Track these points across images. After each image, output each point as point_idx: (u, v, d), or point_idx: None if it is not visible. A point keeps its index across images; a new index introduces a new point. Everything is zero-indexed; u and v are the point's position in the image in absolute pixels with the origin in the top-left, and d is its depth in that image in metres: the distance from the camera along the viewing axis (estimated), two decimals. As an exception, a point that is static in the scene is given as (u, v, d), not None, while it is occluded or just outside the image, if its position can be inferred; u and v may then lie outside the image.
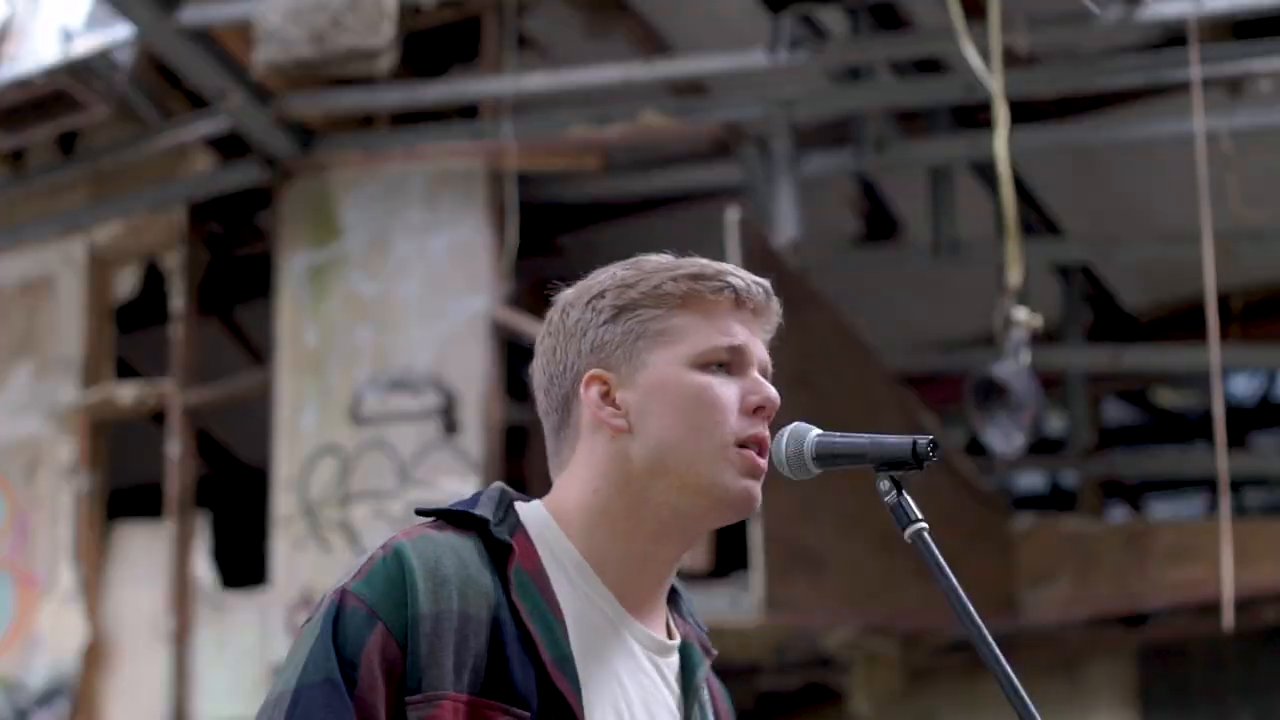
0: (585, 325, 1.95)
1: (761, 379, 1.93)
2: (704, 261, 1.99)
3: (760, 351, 1.95)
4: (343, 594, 1.80)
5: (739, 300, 1.95)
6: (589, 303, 1.96)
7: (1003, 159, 5.24)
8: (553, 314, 1.99)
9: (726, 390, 1.90)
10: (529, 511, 1.92)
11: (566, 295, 2.00)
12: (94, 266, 7.58)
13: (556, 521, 1.91)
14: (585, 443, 1.92)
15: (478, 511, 1.87)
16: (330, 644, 1.76)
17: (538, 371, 1.98)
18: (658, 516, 1.89)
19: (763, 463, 1.90)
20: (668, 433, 1.88)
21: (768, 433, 1.92)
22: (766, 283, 1.98)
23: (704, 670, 1.98)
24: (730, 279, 1.96)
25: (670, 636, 1.96)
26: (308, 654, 1.77)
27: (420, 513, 1.89)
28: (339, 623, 1.77)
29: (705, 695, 1.98)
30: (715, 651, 2.02)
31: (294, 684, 1.76)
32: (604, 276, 1.99)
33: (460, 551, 1.83)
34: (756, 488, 1.90)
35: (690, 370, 1.90)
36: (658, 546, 1.90)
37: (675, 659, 1.95)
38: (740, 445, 1.88)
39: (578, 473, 1.92)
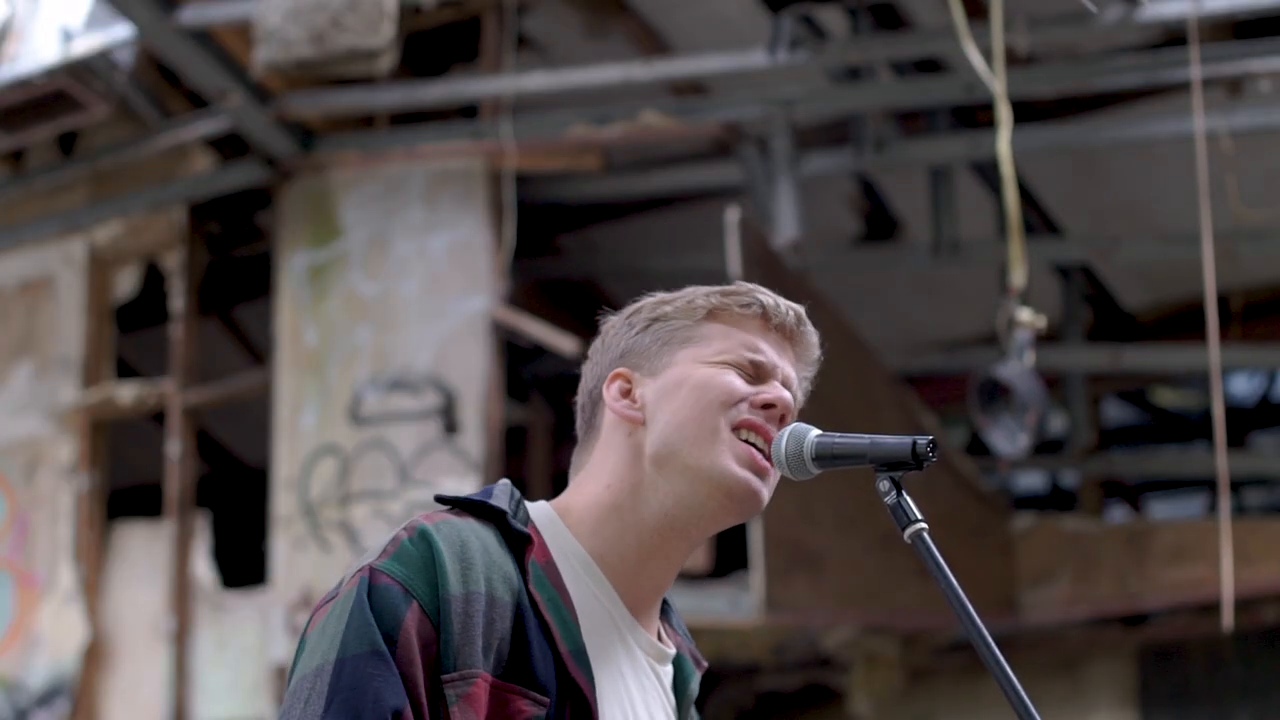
0: (619, 338, 2.00)
1: (778, 383, 1.94)
2: (742, 283, 2.03)
3: (788, 371, 1.98)
4: (372, 572, 1.79)
5: (766, 317, 1.98)
6: (627, 319, 2.01)
7: (1005, 159, 5.24)
8: (596, 340, 2.04)
9: (739, 383, 1.93)
10: (535, 510, 1.95)
11: (611, 319, 2.05)
12: (94, 266, 7.58)
13: (562, 520, 1.93)
14: (604, 442, 1.96)
15: (495, 503, 1.89)
16: (368, 616, 1.75)
17: (579, 393, 2.03)
18: (663, 508, 1.90)
19: (764, 461, 1.91)
20: (674, 416, 1.92)
21: (777, 435, 1.93)
22: (800, 308, 2.01)
23: (696, 682, 2.00)
24: (759, 296, 1.99)
25: (665, 645, 1.97)
26: (344, 627, 1.76)
27: (440, 500, 1.91)
28: (373, 598, 1.77)
29: (693, 709, 2.01)
30: (705, 664, 2.04)
31: (334, 656, 1.74)
32: (647, 299, 2.04)
33: (482, 538, 1.84)
34: (759, 483, 1.91)
35: (708, 365, 1.93)
36: (662, 540, 1.92)
37: (670, 668, 1.97)
38: (736, 430, 1.90)
39: (593, 471, 1.95)
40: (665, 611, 2.01)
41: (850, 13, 6.58)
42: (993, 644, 1.78)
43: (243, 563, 7.78)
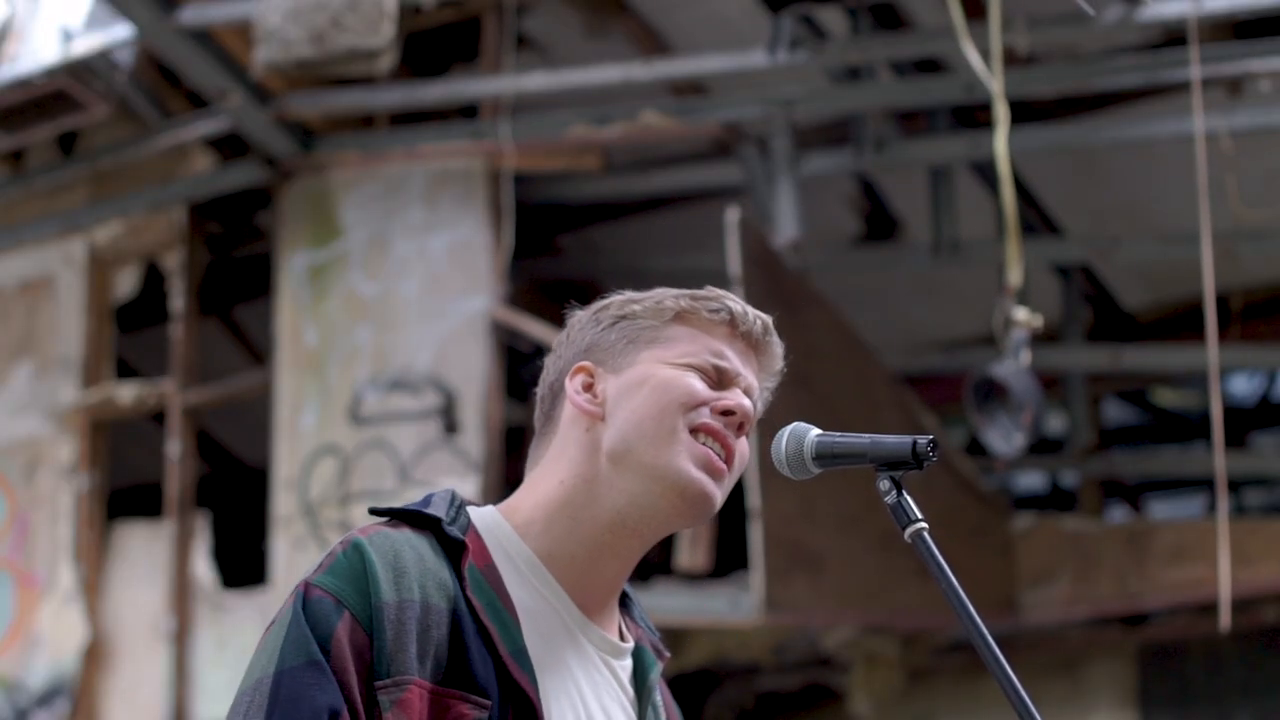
0: (585, 332, 2.00)
1: (740, 391, 1.94)
2: (712, 288, 2.02)
3: (750, 380, 1.97)
4: (306, 586, 1.83)
5: (734, 324, 1.97)
6: (594, 314, 2.02)
7: (1003, 159, 5.24)
8: (561, 333, 2.04)
9: (701, 386, 1.93)
10: (480, 514, 1.96)
11: (578, 314, 2.05)
12: (94, 266, 7.58)
13: (509, 522, 1.94)
14: (562, 435, 1.97)
15: (430, 511, 1.90)
16: (305, 629, 1.78)
17: (540, 384, 2.03)
18: (615, 505, 1.91)
19: (720, 465, 1.91)
20: (633, 414, 1.92)
21: (735, 442, 1.93)
22: (768, 319, 2.00)
23: (657, 672, 2.01)
24: (728, 302, 1.98)
25: (623, 639, 1.98)
26: (281, 642, 1.79)
27: (374, 511, 1.92)
28: (307, 611, 1.79)
29: (658, 698, 2.00)
30: (668, 654, 2.05)
31: (272, 669, 1.77)
32: (615, 296, 2.04)
33: (417, 547, 1.86)
34: (713, 486, 1.91)
35: (671, 366, 1.93)
36: (614, 538, 1.92)
37: (628, 662, 1.97)
38: (694, 432, 1.90)
39: (548, 467, 1.97)
40: (626, 604, 2.02)
41: (850, 13, 6.58)
42: (993, 644, 1.78)
43: (243, 563, 7.79)
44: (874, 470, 1.89)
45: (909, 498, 1.87)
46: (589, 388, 1.96)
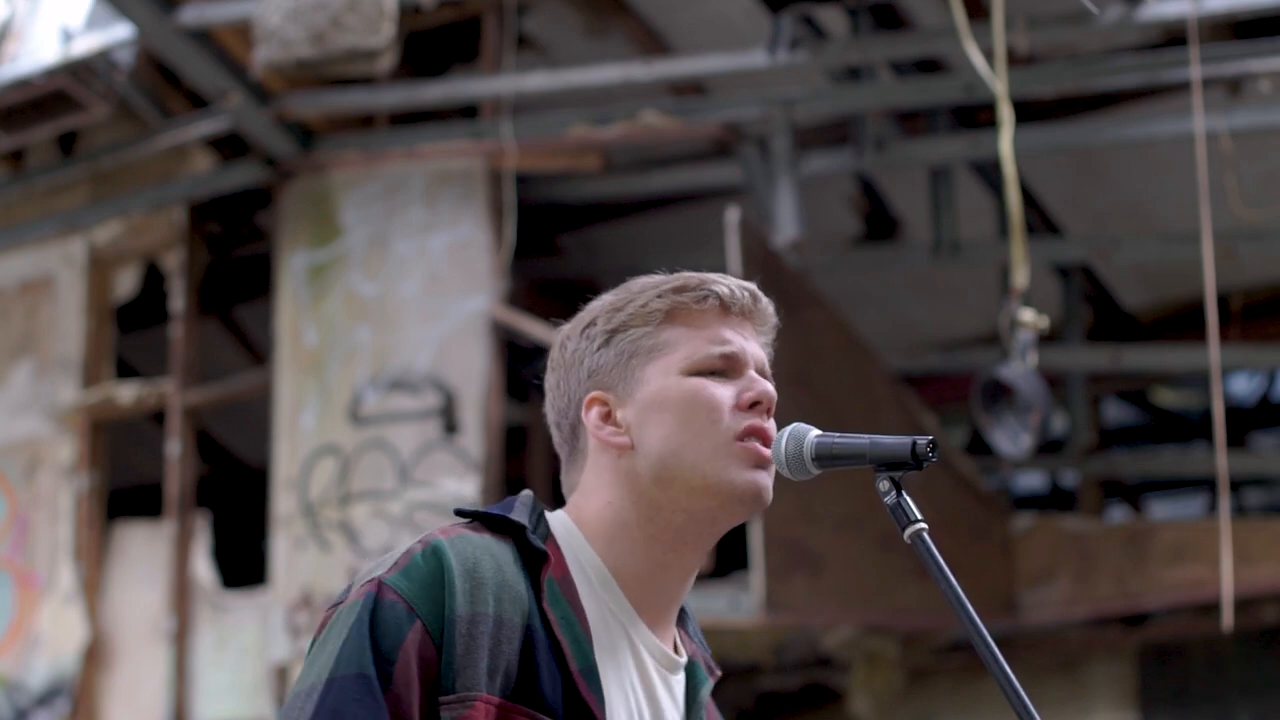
0: (581, 355, 1.96)
1: (757, 376, 1.93)
2: (689, 274, 1.99)
3: (756, 352, 1.96)
4: (379, 585, 1.79)
5: (725, 306, 1.95)
6: (583, 332, 1.97)
7: (1007, 159, 5.23)
8: (553, 350, 2.01)
9: (721, 390, 1.91)
10: (556, 520, 1.94)
11: (564, 329, 2.01)
12: (94, 266, 7.58)
13: (580, 531, 1.92)
14: (593, 464, 1.94)
15: (515, 517, 1.88)
16: (367, 636, 1.75)
17: (549, 409, 2.01)
18: (672, 524, 1.90)
19: (766, 452, 1.90)
20: (668, 441, 1.89)
21: (770, 425, 1.92)
22: (753, 285, 1.98)
23: (707, 689, 1.99)
24: (714, 287, 1.96)
25: (678, 654, 1.97)
26: (342, 644, 1.76)
27: (459, 513, 1.89)
28: (376, 614, 1.76)
29: (704, 716, 1.99)
30: (719, 672, 2.04)
31: (327, 675, 1.74)
32: (596, 305, 2.00)
33: (497, 555, 1.83)
34: (765, 478, 1.91)
35: (683, 377, 1.91)
36: (676, 554, 1.92)
37: (682, 677, 1.96)
38: (739, 439, 1.89)
39: (591, 489, 1.93)
40: (682, 619, 2.01)
41: (850, 13, 6.57)
42: (993, 644, 1.78)
43: (243, 563, 7.79)
44: (873, 471, 1.89)
45: (909, 498, 1.87)
46: (607, 418, 1.93)
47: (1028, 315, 5.41)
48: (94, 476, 7.41)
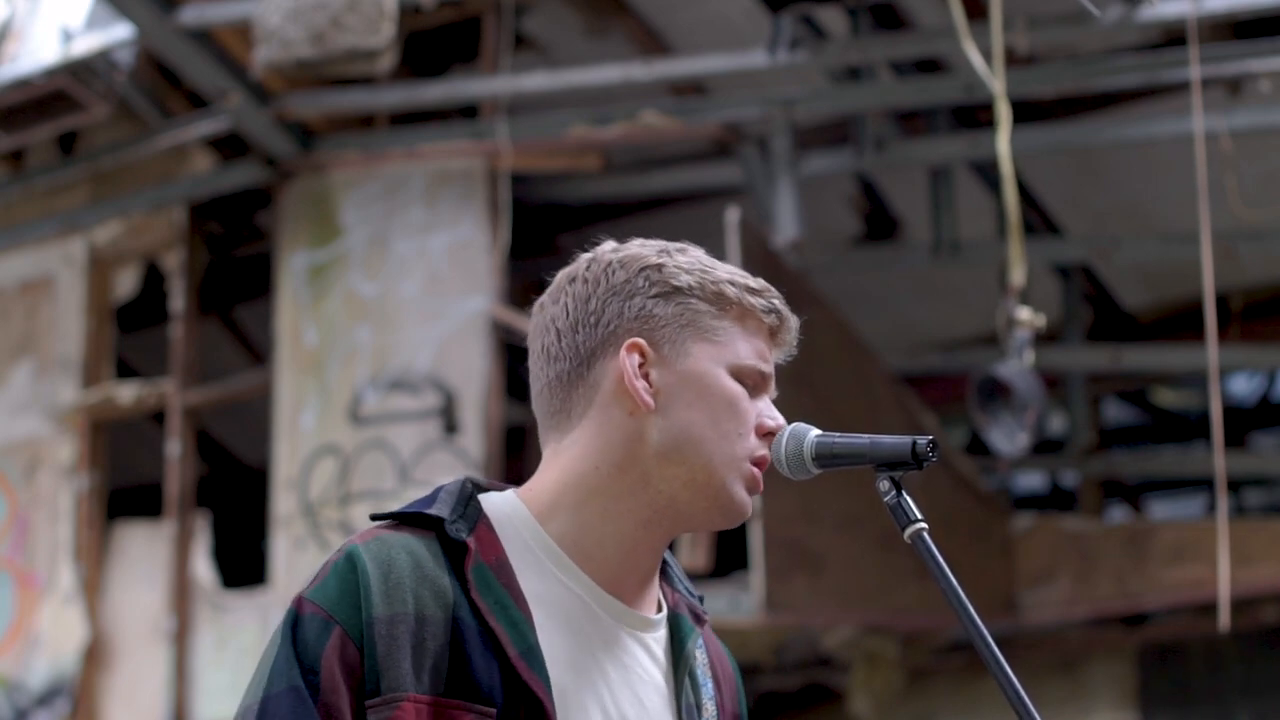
0: (634, 290, 1.92)
1: (773, 406, 1.96)
2: (757, 279, 1.99)
3: (772, 380, 1.98)
4: (300, 602, 1.81)
5: (775, 330, 1.97)
6: (642, 270, 1.93)
7: (1005, 159, 5.24)
8: (587, 267, 1.96)
9: (751, 410, 1.92)
10: (498, 501, 1.91)
11: (607, 252, 1.97)
12: (94, 266, 7.58)
13: (530, 508, 1.90)
14: (599, 411, 1.90)
15: (433, 511, 1.86)
16: (291, 651, 1.78)
17: (559, 314, 1.94)
18: (653, 504, 1.89)
19: (761, 482, 1.93)
20: (695, 426, 1.88)
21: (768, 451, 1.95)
22: (798, 322, 2.00)
23: (695, 639, 1.96)
24: (779, 306, 1.97)
25: (659, 609, 1.95)
26: (271, 665, 1.79)
27: (375, 517, 1.89)
28: (298, 630, 1.79)
29: (699, 663, 1.97)
30: (708, 616, 2.01)
31: (261, 694, 1.77)
32: (654, 250, 1.96)
33: (415, 552, 1.83)
34: (751, 505, 1.94)
35: (728, 376, 1.91)
36: (646, 533, 1.90)
37: (663, 632, 1.94)
38: (752, 463, 1.91)
39: (580, 442, 1.90)
40: (665, 569, 1.99)
41: (850, 13, 6.57)
42: (993, 644, 1.78)
43: (243, 563, 7.78)
44: (874, 471, 1.89)
45: (909, 498, 1.87)
46: (642, 368, 1.89)
47: (1025, 314, 5.42)
48: (94, 476, 7.41)
